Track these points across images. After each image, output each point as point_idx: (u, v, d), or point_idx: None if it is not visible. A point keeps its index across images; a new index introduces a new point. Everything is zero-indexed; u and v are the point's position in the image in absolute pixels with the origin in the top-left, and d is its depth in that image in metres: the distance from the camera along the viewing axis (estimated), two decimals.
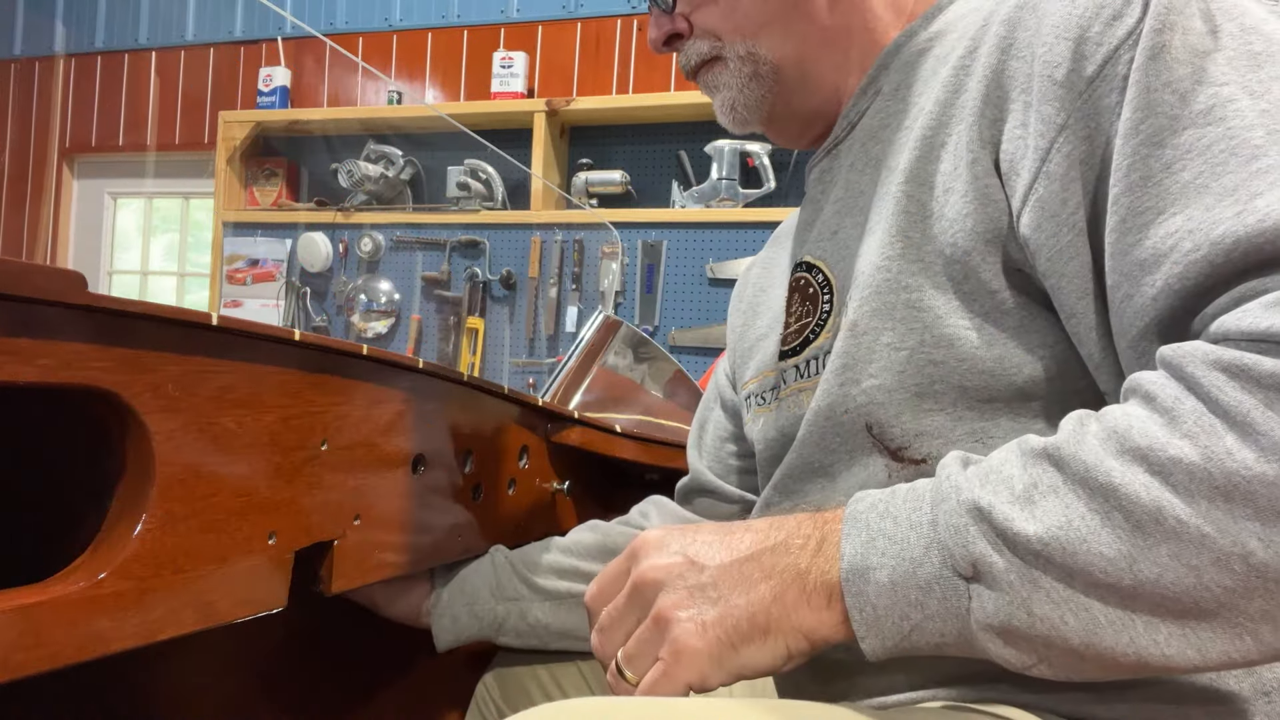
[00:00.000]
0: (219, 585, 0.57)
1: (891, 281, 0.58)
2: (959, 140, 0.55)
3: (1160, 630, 0.40)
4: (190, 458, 0.54)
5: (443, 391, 0.80)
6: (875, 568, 0.45)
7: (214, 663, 0.88)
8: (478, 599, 0.88)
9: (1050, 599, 0.41)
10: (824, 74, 0.70)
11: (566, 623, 0.87)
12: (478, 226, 2.94)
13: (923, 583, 0.44)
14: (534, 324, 2.90)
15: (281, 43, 3.31)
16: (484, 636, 0.88)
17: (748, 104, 0.72)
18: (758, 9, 0.68)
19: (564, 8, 3.06)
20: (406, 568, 0.80)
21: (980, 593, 0.43)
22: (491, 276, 2.93)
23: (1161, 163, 0.45)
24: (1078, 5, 0.50)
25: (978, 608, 0.43)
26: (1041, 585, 0.41)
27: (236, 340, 0.57)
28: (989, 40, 0.55)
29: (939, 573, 0.43)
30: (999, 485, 0.43)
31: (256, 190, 3.22)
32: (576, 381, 1.46)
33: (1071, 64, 0.49)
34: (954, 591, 0.43)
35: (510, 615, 0.87)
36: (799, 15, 0.68)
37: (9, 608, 0.46)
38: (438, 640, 0.88)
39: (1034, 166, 0.51)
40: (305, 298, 3.15)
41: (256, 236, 3.19)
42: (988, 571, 0.42)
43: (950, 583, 0.43)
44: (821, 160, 0.73)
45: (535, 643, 0.88)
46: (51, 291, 0.45)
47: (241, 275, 3.19)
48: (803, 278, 0.70)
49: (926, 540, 0.44)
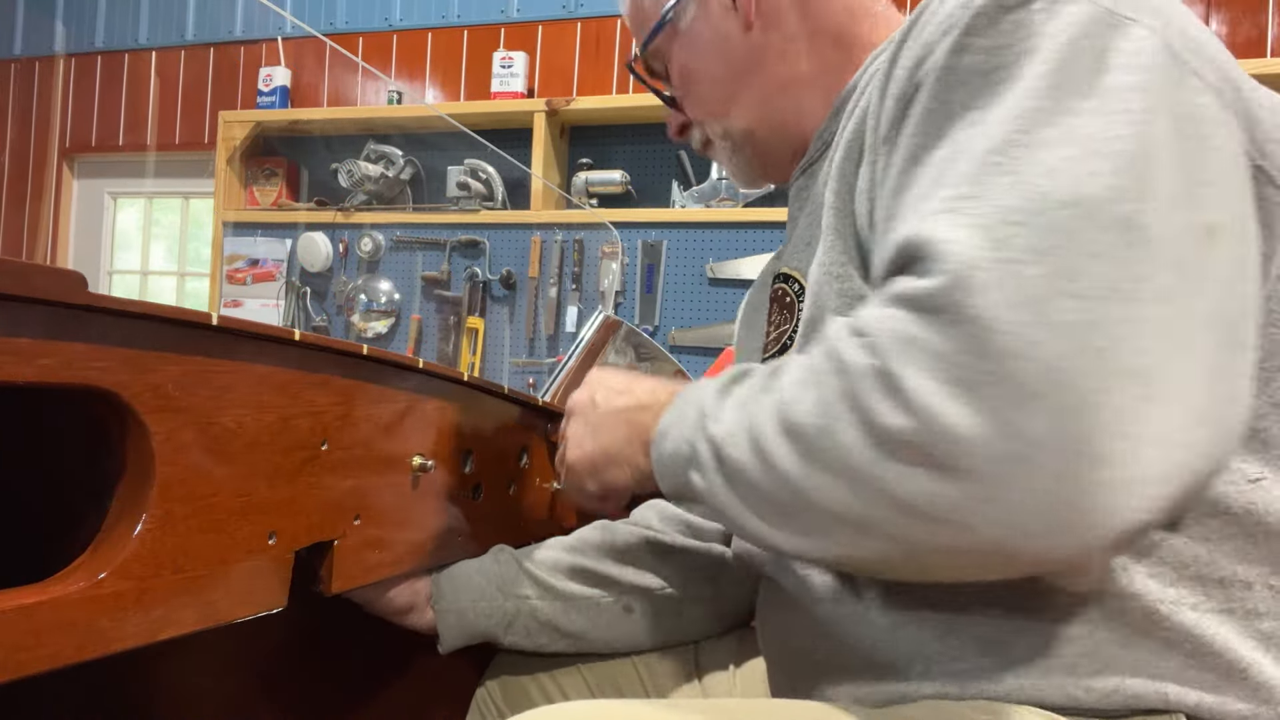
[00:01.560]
0: (219, 585, 0.57)
1: (829, 274, 0.65)
2: (868, 138, 0.61)
3: (758, 520, 0.53)
4: (190, 458, 0.54)
5: (443, 391, 0.80)
6: (667, 436, 0.61)
7: (214, 663, 0.88)
8: (484, 596, 0.86)
9: (715, 482, 0.55)
10: (791, 119, 0.78)
11: (576, 624, 0.86)
12: (478, 226, 2.94)
13: (682, 458, 0.59)
14: (534, 324, 2.90)
15: (281, 43, 3.31)
16: (490, 635, 0.87)
17: (740, 171, 0.84)
18: (715, 90, 0.79)
19: (564, 7, 3.06)
20: (407, 568, 0.80)
21: (693, 469, 0.58)
22: (491, 276, 2.93)
23: (911, 177, 0.53)
24: (924, 31, 0.55)
25: (693, 477, 0.58)
26: (714, 470, 0.55)
27: (237, 340, 0.57)
28: (894, 55, 0.59)
29: (687, 453, 0.58)
30: (729, 397, 0.56)
31: (256, 190, 3.22)
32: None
33: (907, 83, 0.56)
34: (685, 468, 0.59)
35: (520, 613, 0.86)
36: (749, 82, 0.78)
37: (9, 608, 0.46)
38: (443, 638, 0.86)
39: (867, 170, 0.60)
40: (305, 298, 3.15)
41: (256, 236, 3.18)
42: (697, 456, 0.57)
43: (687, 460, 0.58)
44: (799, 179, 0.80)
45: (543, 641, 0.87)
46: (52, 291, 0.45)
47: (241, 275, 3.19)
48: (780, 288, 0.78)
49: (684, 427, 0.59)
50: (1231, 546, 0.53)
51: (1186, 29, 0.51)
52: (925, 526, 0.45)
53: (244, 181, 3.22)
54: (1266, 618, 0.53)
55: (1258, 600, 0.53)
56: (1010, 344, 0.42)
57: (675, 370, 1.80)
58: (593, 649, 0.88)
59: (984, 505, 0.43)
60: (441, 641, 0.87)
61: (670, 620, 0.89)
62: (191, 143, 3.46)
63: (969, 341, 0.43)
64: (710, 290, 2.73)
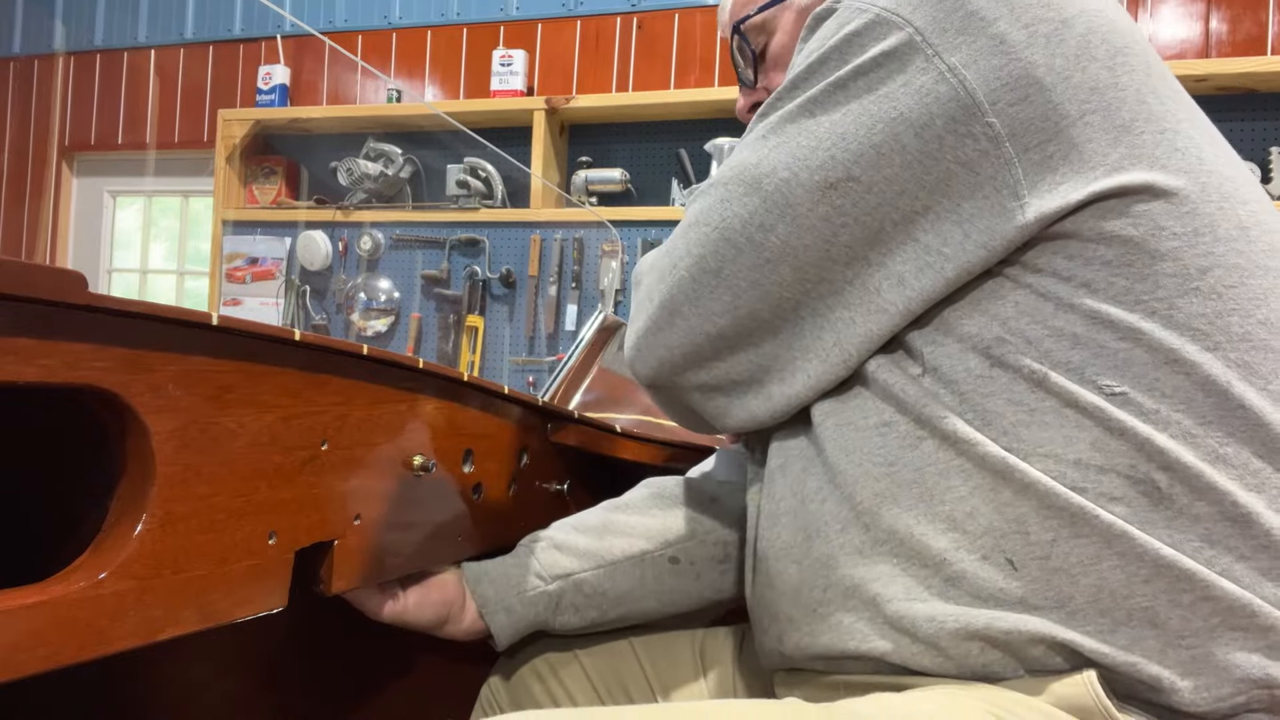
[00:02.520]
0: (219, 585, 0.57)
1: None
2: None
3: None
4: (190, 458, 0.54)
5: (443, 391, 0.80)
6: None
7: (214, 662, 0.88)
8: (527, 585, 0.86)
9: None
10: None
11: (622, 586, 0.86)
12: (477, 225, 2.94)
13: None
14: (534, 322, 2.90)
15: (281, 41, 3.31)
16: (541, 622, 0.86)
17: None
18: None
19: (564, 5, 3.06)
20: (407, 568, 0.80)
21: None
22: (491, 275, 2.93)
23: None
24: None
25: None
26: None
27: (237, 340, 0.57)
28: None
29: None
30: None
31: (256, 188, 3.21)
32: (576, 381, 1.46)
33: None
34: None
35: (565, 590, 0.85)
36: None
37: (9, 608, 0.46)
38: (498, 638, 0.85)
39: None
40: (305, 296, 3.15)
41: (256, 235, 3.18)
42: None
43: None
44: None
45: (593, 615, 0.86)
46: (52, 291, 0.45)
47: (241, 274, 3.18)
48: None
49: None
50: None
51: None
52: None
53: (243, 180, 3.22)
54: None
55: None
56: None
57: None
58: (645, 612, 0.88)
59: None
60: (497, 642, 0.86)
61: (716, 566, 0.89)
62: (191, 141, 3.46)
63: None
64: None
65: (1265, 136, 2.42)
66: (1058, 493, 0.56)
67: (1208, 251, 0.58)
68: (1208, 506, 0.55)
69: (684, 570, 0.88)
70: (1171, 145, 0.60)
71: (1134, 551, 0.54)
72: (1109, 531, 0.55)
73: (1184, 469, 0.55)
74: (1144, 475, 0.55)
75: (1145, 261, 0.57)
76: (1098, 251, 0.57)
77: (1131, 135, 0.58)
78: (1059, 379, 0.57)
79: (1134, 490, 0.55)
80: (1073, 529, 0.55)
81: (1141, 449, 0.55)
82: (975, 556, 0.57)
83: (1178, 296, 0.57)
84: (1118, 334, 0.57)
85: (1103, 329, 0.57)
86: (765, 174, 0.62)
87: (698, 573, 0.88)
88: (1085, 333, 0.57)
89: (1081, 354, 0.57)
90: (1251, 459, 0.55)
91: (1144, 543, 0.54)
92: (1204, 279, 0.57)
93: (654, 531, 0.87)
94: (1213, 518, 0.55)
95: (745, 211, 0.62)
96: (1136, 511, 0.55)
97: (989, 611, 0.57)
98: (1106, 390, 0.56)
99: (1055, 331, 0.58)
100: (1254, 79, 2.35)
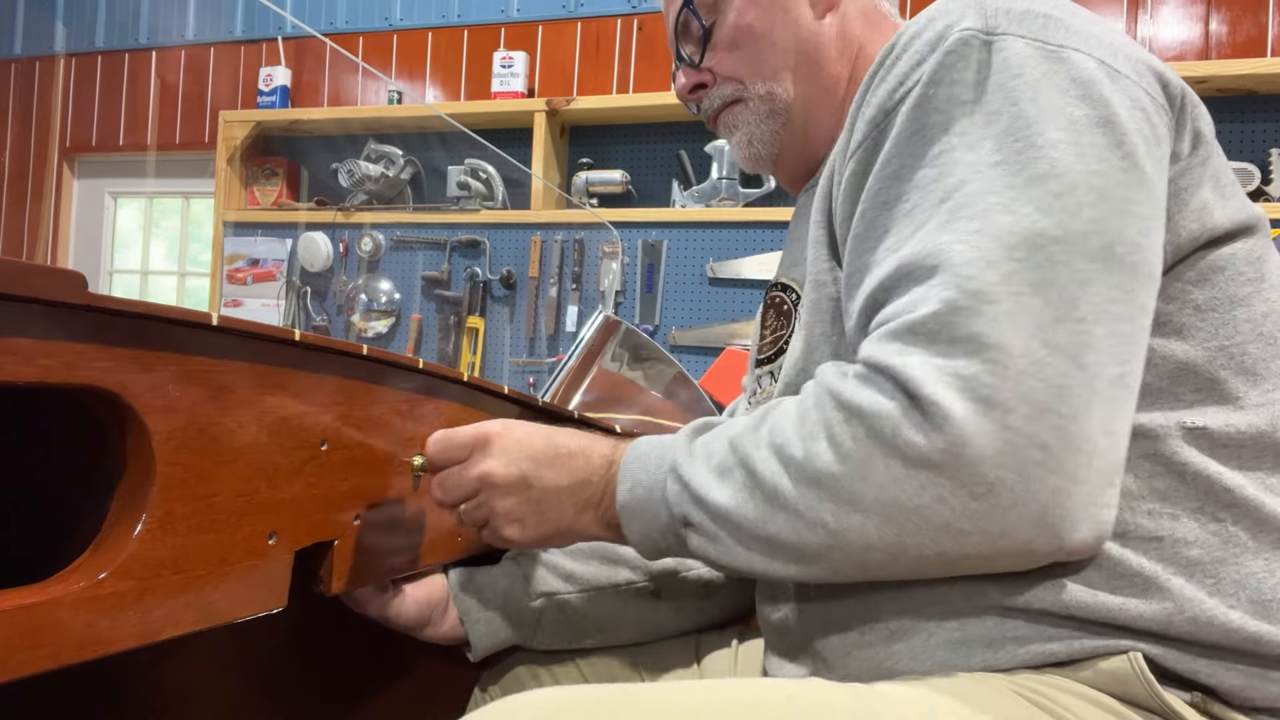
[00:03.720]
0: (219, 585, 0.57)
1: (816, 281, 0.69)
2: (844, 160, 0.65)
3: (785, 565, 0.58)
4: (190, 458, 0.54)
5: (443, 392, 0.80)
6: (634, 511, 0.66)
7: (214, 663, 0.88)
8: (510, 599, 0.86)
9: (725, 541, 0.60)
10: (823, 119, 0.81)
11: (604, 613, 0.86)
12: (478, 226, 2.94)
13: (662, 525, 0.64)
14: (534, 323, 2.90)
15: (282, 42, 3.31)
16: (520, 637, 0.87)
17: (764, 138, 0.82)
18: (777, 56, 0.79)
19: (564, 7, 3.06)
20: (407, 568, 0.80)
21: (690, 534, 0.63)
22: (492, 276, 2.93)
23: (895, 192, 0.58)
24: (901, 63, 0.60)
25: (690, 541, 0.63)
26: (720, 533, 0.60)
27: (237, 340, 0.57)
28: (868, 85, 0.64)
29: (669, 522, 0.64)
30: (703, 460, 0.62)
31: (257, 190, 3.22)
32: (577, 381, 1.46)
33: (881, 106, 0.61)
34: (677, 533, 0.64)
35: (547, 610, 0.86)
36: (809, 63, 0.79)
37: (9, 608, 0.46)
38: (474, 647, 0.86)
39: (840, 178, 0.65)
40: (305, 297, 3.15)
41: (257, 236, 3.18)
42: (692, 524, 0.62)
43: (674, 528, 0.64)
44: (801, 197, 0.84)
45: (572, 637, 0.86)
46: (52, 291, 0.45)
47: (242, 275, 3.19)
48: (777, 296, 0.81)
49: (659, 498, 0.64)
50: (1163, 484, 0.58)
51: (1111, 42, 0.58)
52: (956, 539, 0.51)
53: (244, 181, 3.22)
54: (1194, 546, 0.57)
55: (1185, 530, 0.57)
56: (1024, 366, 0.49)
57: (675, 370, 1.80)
58: (621, 641, 0.88)
59: (1004, 513, 0.50)
60: (473, 651, 0.86)
61: (697, 602, 0.89)
62: (192, 142, 3.46)
63: (989, 366, 0.49)
64: (710, 290, 2.73)
65: (1265, 138, 2.42)
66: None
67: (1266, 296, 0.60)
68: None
69: (664, 605, 0.88)
70: (1230, 178, 0.62)
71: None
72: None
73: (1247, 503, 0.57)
74: (1211, 514, 0.57)
75: (1227, 307, 0.59)
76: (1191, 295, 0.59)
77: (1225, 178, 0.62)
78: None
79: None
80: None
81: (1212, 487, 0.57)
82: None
83: (1249, 342, 0.59)
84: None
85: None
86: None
87: (678, 606, 0.89)
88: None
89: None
90: None
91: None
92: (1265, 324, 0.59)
93: (639, 560, 0.87)
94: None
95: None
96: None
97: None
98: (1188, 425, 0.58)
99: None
100: (1254, 80, 2.35)
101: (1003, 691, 0.54)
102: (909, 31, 0.61)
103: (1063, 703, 0.53)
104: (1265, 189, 2.33)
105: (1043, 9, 0.58)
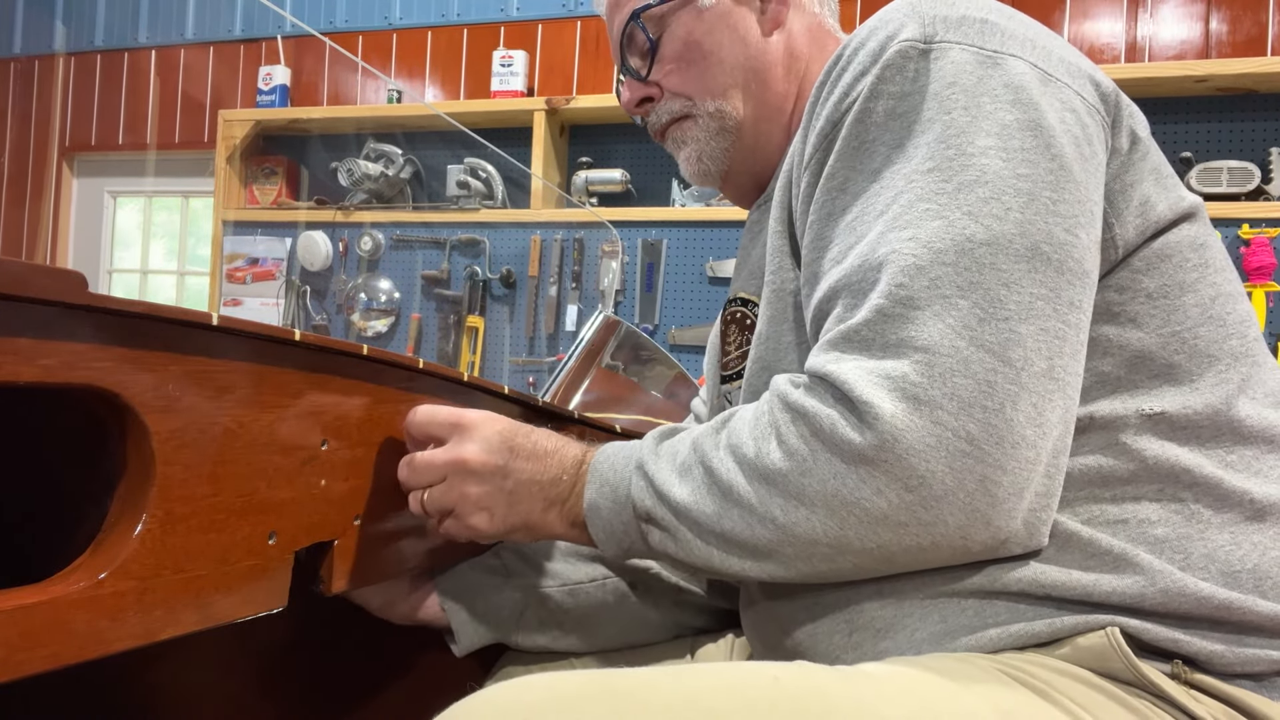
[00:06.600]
0: (219, 585, 0.57)
1: (779, 290, 0.71)
2: (800, 172, 0.68)
3: (740, 560, 0.61)
4: (190, 458, 0.54)
5: (443, 391, 0.80)
6: (600, 509, 0.68)
7: (214, 663, 0.88)
8: (492, 590, 0.86)
9: (685, 536, 0.63)
10: (772, 136, 0.82)
11: (585, 607, 0.86)
12: (478, 225, 2.94)
13: (625, 522, 0.67)
14: (534, 323, 2.90)
15: (281, 41, 3.31)
16: (502, 634, 0.87)
17: (713, 154, 0.83)
18: (725, 74, 0.80)
19: (564, 6, 3.06)
20: (407, 568, 0.80)
21: (651, 530, 0.65)
22: (491, 275, 2.93)
23: (840, 205, 0.62)
24: (846, 75, 0.63)
25: (651, 537, 0.66)
26: (680, 528, 0.63)
27: (237, 340, 0.57)
28: (816, 97, 0.67)
29: (631, 518, 0.66)
30: (668, 460, 0.65)
31: (256, 189, 3.22)
32: (577, 381, 1.46)
33: (829, 118, 0.64)
34: (638, 530, 0.66)
35: (529, 603, 0.86)
36: (758, 81, 0.81)
37: (9, 608, 0.45)
38: (458, 640, 0.86)
39: (799, 189, 0.67)
40: (305, 296, 3.15)
41: (256, 235, 3.18)
42: (654, 519, 0.65)
43: (636, 525, 0.66)
44: (753, 213, 0.85)
45: (554, 633, 0.87)
46: (52, 291, 0.45)
47: (241, 274, 3.19)
48: (738, 311, 0.83)
49: (624, 495, 0.66)
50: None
51: (1045, 45, 0.61)
52: (895, 531, 0.54)
53: (244, 180, 3.22)
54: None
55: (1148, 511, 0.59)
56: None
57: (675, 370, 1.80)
58: (606, 638, 0.88)
59: (937, 504, 0.53)
60: (457, 643, 0.86)
61: (675, 599, 0.90)
62: (191, 142, 3.46)
63: (918, 366, 0.53)
64: (710, 289, 2.73)
65: (1265, 137, 2.42)
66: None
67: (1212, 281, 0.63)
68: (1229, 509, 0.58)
69: (644, 602, 0.89)
70: (1169, 170, 0.65)
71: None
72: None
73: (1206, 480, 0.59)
74: (1172, 495, 0.59)
75: (1176, 293, 0.61)
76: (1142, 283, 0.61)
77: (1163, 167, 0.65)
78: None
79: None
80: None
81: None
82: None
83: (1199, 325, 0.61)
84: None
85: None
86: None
87: (658, 604, 0.89)
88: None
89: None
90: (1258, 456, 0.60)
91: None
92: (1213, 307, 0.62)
93: (616, 563, 0.88)
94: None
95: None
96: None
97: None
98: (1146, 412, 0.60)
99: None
100: (1254, 79, 2.35)
101: (986, 669, 0.55)
102: (853, 43, 0.64)
103: (1044, 679, 0.54)
104: (1265, 188, 2.33)
105: (979, 14, 0.61)
